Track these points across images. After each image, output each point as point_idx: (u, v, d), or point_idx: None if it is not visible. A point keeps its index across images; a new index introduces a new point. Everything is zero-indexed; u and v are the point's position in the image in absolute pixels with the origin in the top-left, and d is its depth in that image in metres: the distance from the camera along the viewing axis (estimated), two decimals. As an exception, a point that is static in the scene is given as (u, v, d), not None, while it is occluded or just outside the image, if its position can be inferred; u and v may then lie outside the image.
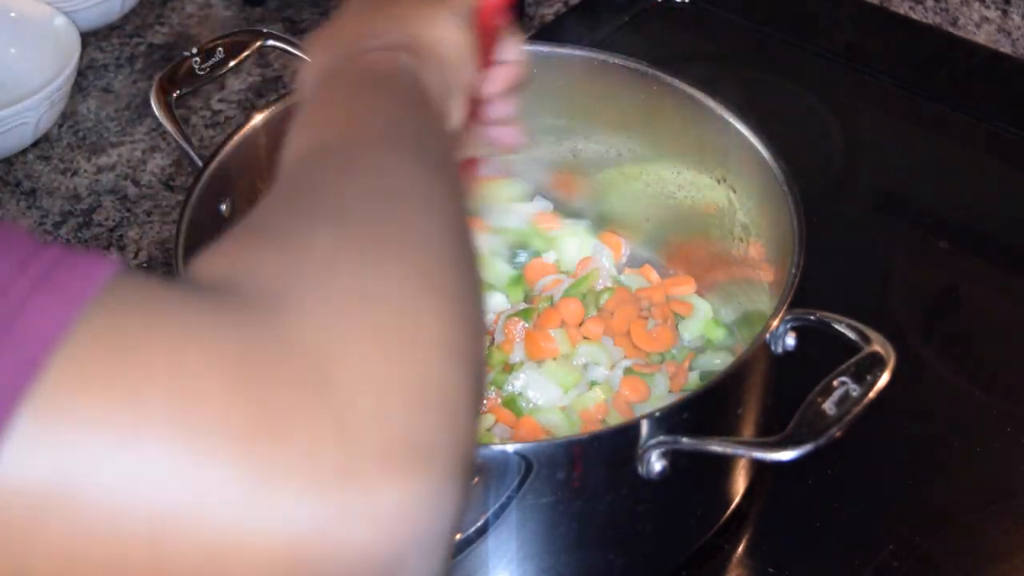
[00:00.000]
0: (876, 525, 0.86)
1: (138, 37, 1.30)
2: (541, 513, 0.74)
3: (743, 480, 0.84)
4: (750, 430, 0.81)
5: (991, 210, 1.12)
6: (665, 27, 1.31)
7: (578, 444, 0.74)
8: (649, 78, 0.94)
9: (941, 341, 1.00)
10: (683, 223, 0.99)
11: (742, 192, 0.92)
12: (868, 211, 1.14)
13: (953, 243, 1.08)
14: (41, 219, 1.09)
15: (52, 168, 1.14)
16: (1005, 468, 0.91)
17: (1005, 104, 1.21)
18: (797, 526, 0.87)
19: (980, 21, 1.27)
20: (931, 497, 0.88)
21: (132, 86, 1.23)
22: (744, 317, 0.94)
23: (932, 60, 1.28)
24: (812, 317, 0.77)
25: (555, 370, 0.90)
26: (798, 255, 0.80)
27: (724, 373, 0.76)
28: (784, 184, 0.84)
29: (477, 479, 0.73)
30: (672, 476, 0.72)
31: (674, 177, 0.98)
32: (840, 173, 1.15)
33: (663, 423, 0.72)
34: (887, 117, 1.23)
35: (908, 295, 1.03)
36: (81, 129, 1.19)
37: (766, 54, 1.30)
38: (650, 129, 0.97)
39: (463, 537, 0.75)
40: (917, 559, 0.84)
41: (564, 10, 1.32)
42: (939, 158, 1.19)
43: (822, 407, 0.70)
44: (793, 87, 1.24)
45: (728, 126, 0.90)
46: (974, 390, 0.96)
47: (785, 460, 0.69)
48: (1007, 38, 1.26)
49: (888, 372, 0.71)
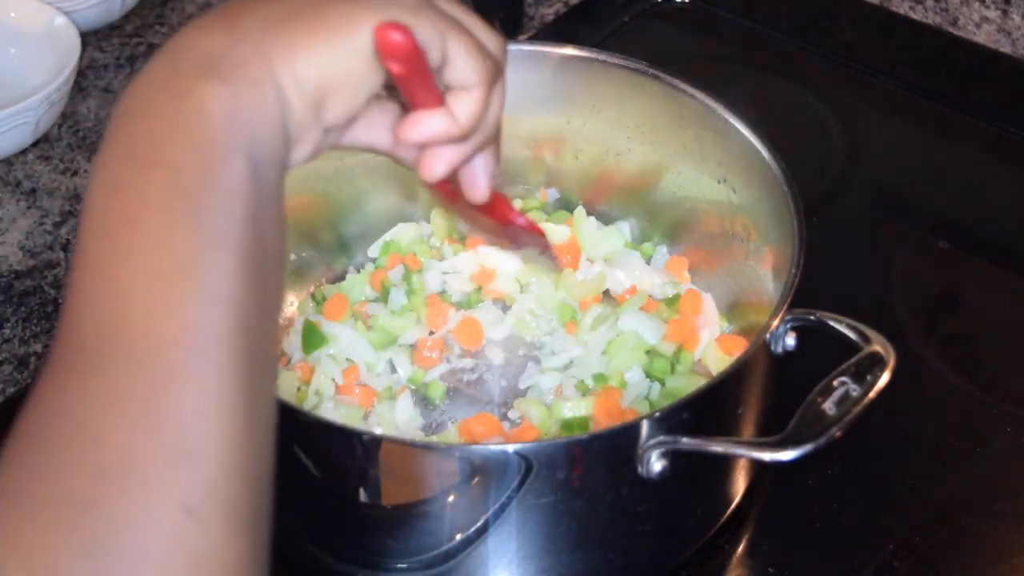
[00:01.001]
0: (876, 525, 0.86)
1: (138, 37, 1.30)
2: (541, 513, 0.74)
3: (743, 480, 0.84)
4: (750, 430, 0.81)
5: (991, 210, 1.12)
6: (665, 27, 1.31)
7: (578, 444, 0.74)
8: (649, 78, 0.94)
9: (941, 341, 1.00)
10: (683, 223, 0.99)
11: (742, 192, 0.92)
12: (868, 211, 1.14)
13: (953, 243, 1.08)
14: (41, 219, 1.09)
15: (52, 168, 1.14)
16: (1005, 468, 0.91)
17: (1005, 104, 1.21)
18: (797, 526, 0.87)
19: (980, 21, 1.27)
20: (931, 497, 0.88)
21: (132, 86, 1.23)
22: (744, 316, 0.94)
23: (932, 60, 1.28)
24: (812, 317, 0.77)
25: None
26: (798, 255, 0.80)
27: (724, 373, 0.76)
28: (784, 184, 0.84)
29: (477, 479, 0.73)
30: (672, 476, 0.72)
31: (674, 177, 0.98)
32: (840, 173, 1.15)
33: (663, 423, 0.72)
34: (887, 117, 1.23)
35: (908, 295, 1.03)
36: (81, 129, 1.19)
37: (766, 54, 1.29)
38: (650, 129, 0.97)
39: (463, 537, 0.75)
40: (917, 559, 0.84)
41: (564, 10, 1.32)
42: (939, 158, 1.19)
43: (822, 407, 0.70)
44: (793, 87, 1.24)
45: (728, 126, 0.90)
46: (974, 390, 0.96)
47: (785, 460, 0.69)
48: (1007, 38, 1.26)
49: (888, 372, 0.71)
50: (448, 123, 0.58)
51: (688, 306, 0.96)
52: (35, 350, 0.98)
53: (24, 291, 1.03)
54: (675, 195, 0.99)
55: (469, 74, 0.58)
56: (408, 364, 0.94)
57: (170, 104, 0.51)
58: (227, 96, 0.51)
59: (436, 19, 0.56)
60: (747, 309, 0.94)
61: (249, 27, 0.53)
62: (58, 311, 1.01)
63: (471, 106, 0.58)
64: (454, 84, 0.58)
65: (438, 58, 0.57)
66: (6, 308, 1.02)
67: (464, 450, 0.79)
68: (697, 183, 0.96)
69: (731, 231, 0.95)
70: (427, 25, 0.56)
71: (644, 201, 1.01)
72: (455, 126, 0.58)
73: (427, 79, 0.57)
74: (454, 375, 0.94)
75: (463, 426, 0.89)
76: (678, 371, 0.92)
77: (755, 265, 0.92)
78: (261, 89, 0.52)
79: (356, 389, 0.92)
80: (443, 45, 0.57)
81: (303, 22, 0.54)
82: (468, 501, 0.74)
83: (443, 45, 0.57)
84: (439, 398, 0.92)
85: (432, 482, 0.75)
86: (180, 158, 0.50)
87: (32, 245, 1.07)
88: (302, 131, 0.54)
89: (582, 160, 1.01)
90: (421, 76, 0.57)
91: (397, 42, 0.54)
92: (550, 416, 0.89)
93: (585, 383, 0.91)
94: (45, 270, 1.05)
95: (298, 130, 0.54)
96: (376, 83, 0.56)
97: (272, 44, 0.53)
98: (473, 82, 0.58)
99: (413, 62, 0.55)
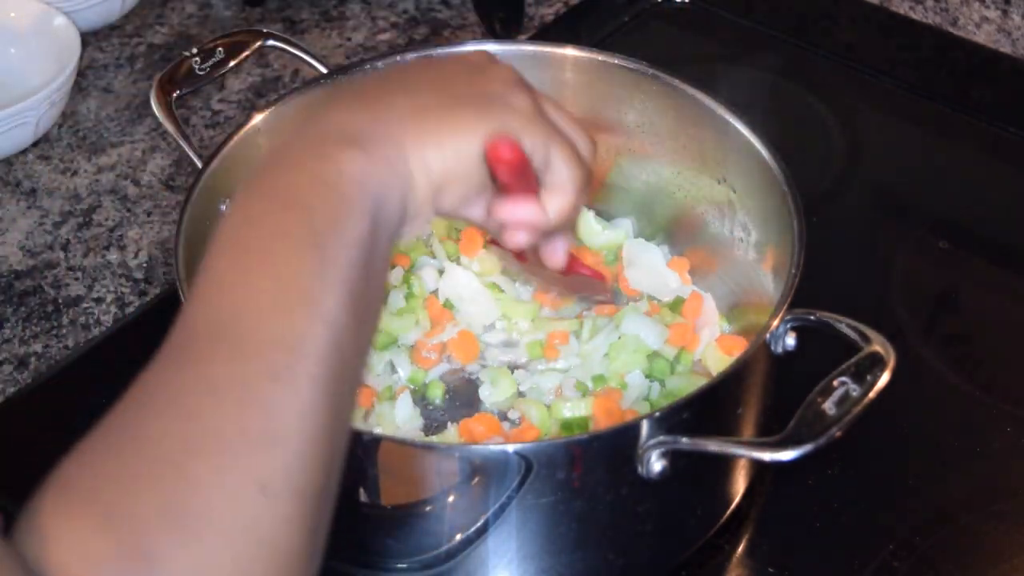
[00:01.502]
0: (876, 525, 0.86)
1: (138, 37, 1.30)
2: (541, 513, 0.74)
3: (743, 480, 0.84)
4: (750, 430, 0.81)
5: (991, 210, 1.12)
6: (665, 27, 1.31)
7: (578, 444, 0.74)
8: (649, 78, 0.94)
9: (941, 341, 1.00)
10: (683, 223, 0.99)
11: (742, 192, 0.92)
12: (868, 211, 1.14)
13: (953, 243, 1.08)
14: (41, 219, 1.09)
15: (52, 168, 1.14)
16: (1005, 468, 0.91)
17: (1005, 104, 1.21)
18: (797, 526, 0.87)
19: (980, 21, 1.27)
20: (931, 497, 0.88)
21: (132, 86, 1.23)
22: (744, 316, 0.94)
23: (932, 60, 1.28)
24: (812, 317, 0.77)
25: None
26: (798, 255, 0.80)
27: (724, 373, 0.76)
28: (784, 184, 0.84)
29: (477, 479, 0.73)
30: (672, 476, 0.72)
31: (674, 177, 0.98)
32: (840, 173, 1.15)
33: (663, 423, 0.72)
34: (887, 117, 1.23)
35: (908, 295, 1.03)
36: (81, 129, 1.19)
37: (766, 54, 1.29)
38: (650, 129, 0.97)
39: (463, 537, 0.75)
40: (917, 559, 0.84)
41: (564, 10, 1.32)
42: (939, 158, 1.19)
43: (822, 407, 0.70)
44: (793, 87, 1.24)
45: (728, 126, 0.90)
46: (974, 390, 0.96)
47: (785, 460, 0.69)
48: (1007, 38, 1.26)
49: (888, 372, 0.71)
50: (538, 216, 0.67)
51: (691, 310, 0.96)
52: (35, 350, 0.98)
53: (24, 291, 1.03)
54: (675, 195, 0.99)
55: (565, 181, 0.67)
56: (408, 364, 0.94)
57: (313, 163, 0.59)
58: (365, 164, 0.59)
59: (544, 129, 0.65)
60: (747, 309, 0.94)
61: (389, 114, 0.62)
62: (58, 311, 1.01)
63: (562, 206, 0.68)
64: (550, 186, 0.67)
65: (540, 162, 0.65)
66: (6, 308, 1.02)
67: (464, 450, 0.79)
68: (697, 183, 0.96)
69: (731, 231, 0.95)
70: (536, 136, 0.65)
71: (644, 201, 1.01)
72: (544, 219, 0.68)
73: (527, 180, 0.66)
74: (454, 375, 0.94)
75: (463, 426, 0.89)
76: (678, 371, 0.92)
77: (755, 265, 0.92)
78: (394, 168, 0.60)
79: (356, 389, 0.92)
80: (546, 153, 0.65)
81: (435, 121, 0.62)
82: (468, 501, 0.74)
83: (546, 153, 0.65)
84: (439, 398, 0.92)
85: (432, 482, 0.75)
86: (316, 204, 0.57)
87: (32, 245, 1.07)
88: (420, 210, 0.62)
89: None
90: (522, 178, 0.65)
91: (506, 158, 0.63)
92: (550, 416, 0.89)
93: (585, 383, 0.91)
94: (45, 270, 1.05)
95: (416, 208, 0.62)
96: (487, 176, 0.64)
97: (407, 133, 0.61)
98: (568, 188, 0.67)
99: (517, 169, 0.64)
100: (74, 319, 1.01)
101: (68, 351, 0.98)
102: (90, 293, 1.03)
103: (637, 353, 0.91)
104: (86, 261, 1.05)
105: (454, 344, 0.95)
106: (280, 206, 0.57)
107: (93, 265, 1.05)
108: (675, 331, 0.93)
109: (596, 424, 0.88)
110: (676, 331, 0.93)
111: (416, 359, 0.94)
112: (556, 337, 0.94)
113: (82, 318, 1.01)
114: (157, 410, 0.51)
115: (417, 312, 0.96)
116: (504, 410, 0.91)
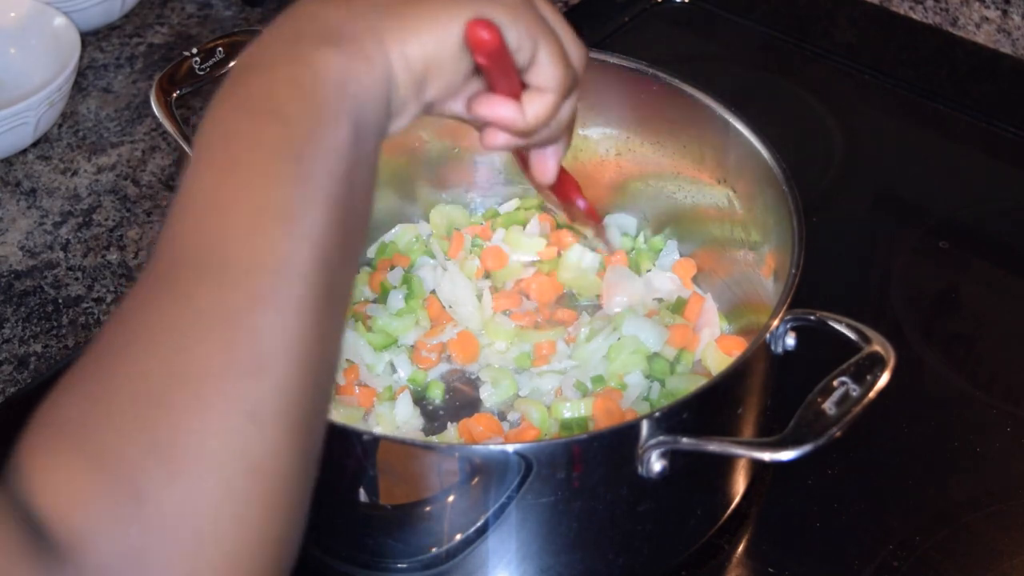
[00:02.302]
0: (876, 525, 0.86)
1: (138, 37, 1.30)
2: (541, 513, 0.74)
3: (743, 480, 0.84)
4: (750, 430, 0.81)
5: (991, 210, 1.12)
6: (665, 27, 1.31)
7: (578, 444, 0.74)
8: (649, 78, 0.94)
9: (941, 341, 1.00)
10: (683, 223, 0.99)
11: (742, 192, 0.92)
12: (868, 211, 1.14)
13: (953, 243, 1.08)
14: (41, 219, 1.09)
15: (52, 168, 1.14)
16: (1005, 468, 0.91)
17: (1005, 104, 1.21)
18: (797, 526, 0.87)
19: (980, 21, 1.27)
20: (931, 497, 0.88)
21: (132, 86, 1.23)
22: (744, 316, 0.94)
23: (932, 60, 1.28)
24: (812, 317, 0.77)
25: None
26: (798, 255, 0.80)
27: (724, 373, 0.76)
28: (784, 184, 0.84)
29: (477, 479, 0.73)
30: (672, 476, 0.72)
31: (674, 177, 0.98)
32: (840, 173, 1.15)
33: (663, 423, 0.72)
34: (887, 117, 1.23)
35: (908, 295, 1.03)
36: (81, 129, 1.19)
37: (766, 54, 1.29)
38: (650, 129, 0.97)
39: (463, 537, 0.75)
40: (917, 559, 0.84)
41: (564, 10, 1.32)
42: (939, 158, 1.19)
43: (822, 407, 0.70)
44: (793, 87, 1.24)
45: (728, 126, 0.90)
46: (974, 390, 0.96)
47: (785, 460, 0.69)
48: (1007, 38, 1.26)
49: (888, 372, 0.71)
50: (515, 116, 0.63)
51: (692, 311, 0.96)
52: (35, 350, 0.99)
53: (24, 291, 1.03)
54: (675, 195, 0.99)
55: (548, 80, 0.63)
56: (408, 364, 0.94)
57: (288, 65, 0.56)
58: (341, 64, 0.56)
59: (531, 23, 0.61)
60: (747, 309, 0.94)
61: (364, 8, 0.58)
62: (58, 311, 1.01)
63: (540, 108, 0.63)
64: (533, 85, 0.63)
65: (526, 59, 0.62)
66: (6, 308, 1.02)
67: (464, 450, 0.79)
68: (697, 183, 0.96)
69: (731, 231, 0.95)
70: (520, 27, 0.60)
71: (644, 201, 1.01)
72: (520, 121, 0.63)
73: (509, 74, 0.62)
74: (454, 375, 0.94)
75: (463, 426, 0.89)
76: (678, 371, 0.92)
77: (755, 265, 0.92)
78: (372, 64, 0.57)
79: (356, 389, 0.92)
80: (532, 48, 0.61)
81: (413, 9, 0.59)
82: (468, 501, 0.74)
83: (532, 48, 0.61)
84: (439, 398, 0.92)
85: (432, 482, 0.75)
86: (291, 113, 0.54)
87: (32, 245, 1.07)
88: (404, 105, 0.59)
89: (582, 160, 1.01)
90: (503, 70, 0.61)
91: (484, 39, 0.59)
92: (550, 416, 0.89)
93: (585, 384, 0.91)
94: (45, 270, 1.05)
95: (400, 104, 0.59)
96: (471, 66, 0.61)
97: (385, 25, 0.58)
98: (550, 88, 0.63)
99: (497, 58, 0.60)
100: (74, 319, 1.01)
101: (68, 351, 0.98)
102: (90, 293, 1.03)
103: (636, 354, 0.91)
104: (86, 261, 1.06)
105: (454, 344, 0.95)
106: (256, 116, 0.55)
107: (93, 265, 1.05)
108: (675, 332, 0.93)
109: (596, 424, 0.88)
110: (676, 332, 0.93)
111: (416, 359, 0.94)
112: (543, 347, 0.94)
113: (82, 318, 1.01)
114: (142, 345, 0.50)
115: (417, 312, 0.96)
116: (504, 410, 0.91)
